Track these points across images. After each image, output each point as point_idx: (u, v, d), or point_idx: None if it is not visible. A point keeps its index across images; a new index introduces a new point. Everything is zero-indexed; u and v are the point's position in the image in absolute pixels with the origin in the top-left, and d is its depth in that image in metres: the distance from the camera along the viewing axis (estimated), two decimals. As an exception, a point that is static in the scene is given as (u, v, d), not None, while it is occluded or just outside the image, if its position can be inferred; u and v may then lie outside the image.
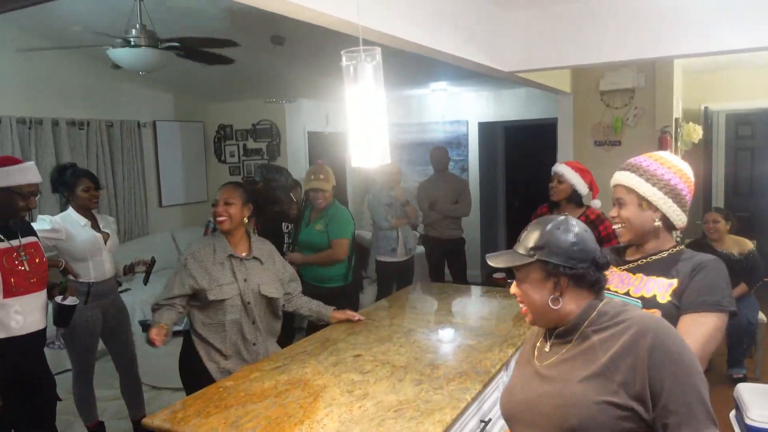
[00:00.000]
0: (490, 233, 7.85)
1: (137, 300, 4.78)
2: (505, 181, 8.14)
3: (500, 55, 3.17)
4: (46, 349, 2.82)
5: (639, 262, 1.77)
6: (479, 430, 2.11)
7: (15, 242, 2.58)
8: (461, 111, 7.43)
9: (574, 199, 3.23)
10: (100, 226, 3.36)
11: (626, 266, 1.79)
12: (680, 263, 1.69)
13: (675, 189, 1.70)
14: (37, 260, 2.65)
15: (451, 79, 6.28)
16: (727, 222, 4.37)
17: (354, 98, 1.61)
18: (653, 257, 1.75)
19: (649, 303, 1.68)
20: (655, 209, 1.72)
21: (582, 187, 3.21)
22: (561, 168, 3.26)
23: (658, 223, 1.72)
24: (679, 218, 1.73)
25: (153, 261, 3.52)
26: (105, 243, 3.34)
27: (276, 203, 3.75)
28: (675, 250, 1.74)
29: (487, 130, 7.51)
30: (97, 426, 3.56)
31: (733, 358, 4.29)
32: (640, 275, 1.73)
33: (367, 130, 1.63)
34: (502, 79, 3.65)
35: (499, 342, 2.54)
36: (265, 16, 1.95)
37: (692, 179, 1.74)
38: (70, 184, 3.26)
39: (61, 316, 2.82)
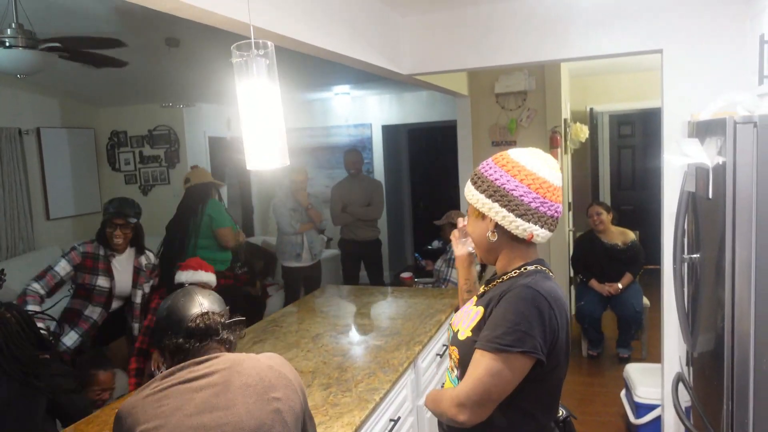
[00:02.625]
0: (397, 234, 7.97)
1: None
2: (410, 182, 8.29)
3: (398, 58, 3.23)
4: None
5: (483, 288, 1.54)
6: (389, 428, 2.12)
7: None
8: (365, 114, 7.49)
9: None
10: None
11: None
12: (501, 290, 1.40)
13: (501, 189, 1.38)
14: None
15: (353, 82, 6.32)
16: (609, 213, 4.70)
17: (247, 96, 1.47)
18: (496, 281, 1.48)
19: (453, 340, 1.49)
20: (487, 219, 1.43)
21: None
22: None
23: (491, 235, 1.43)
24: (517, 226, 1.38)
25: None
26: None
27: None
28: (517, 273, 1.44)
29: (390, 132, 7.62)
30: None
31: (622, 341, 4.62)
32: (474, 305, 1.50)
33: (262, 130, 1.49)
34: (403, 82, 3.72)
35: (406, 340, 2.58)
36: (156, 16, 1.86)
37: (540, 176, 1.39)
38: None
39: None
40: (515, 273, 1.44)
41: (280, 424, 1.32)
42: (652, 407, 3.15)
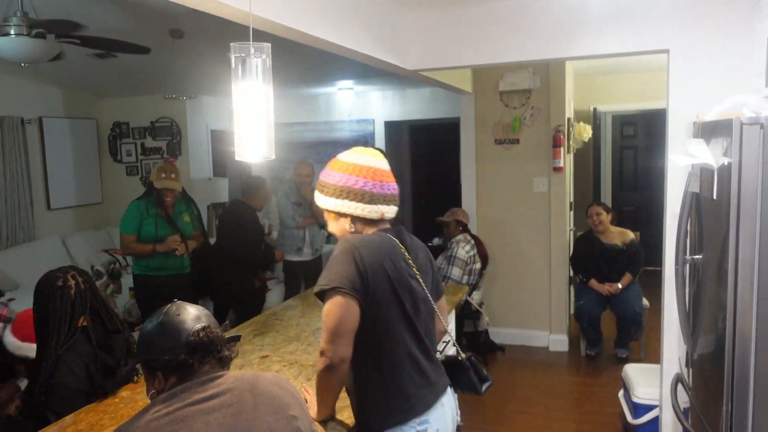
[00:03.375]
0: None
1: None
2: (411, 179, 8.29)
3: (403, 53, 3.22)
4: None
5: None
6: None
7: None
8: (368, 110, 7.48)
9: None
10: None
11: None
12: None
13: (345, 188, 1.65)
14: None
15: (357, 77, 6.31)
16: (608, 214, 4.69)
17: (242, 93, 1.59)
18: None
19: None
20: (343, 215, 1.69)
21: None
22: None
23: (349, 228, 1.69)
24: (369, 211, 1.67)
25: None
26: None
27: None
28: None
29: (393, 128, 7.61)
30: None
31: (621, 341, 4.62)
32: None
33: (253, 125, 1.62)
34: (407, 77, 3.71)
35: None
36: (160, 6, 1.86)
37: (371, 166, 1.67)
38: None
39: None
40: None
41: None
42: (650, 407, 3.15)
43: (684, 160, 2.35)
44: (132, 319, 4.13)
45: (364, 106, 7.47)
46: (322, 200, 1.71)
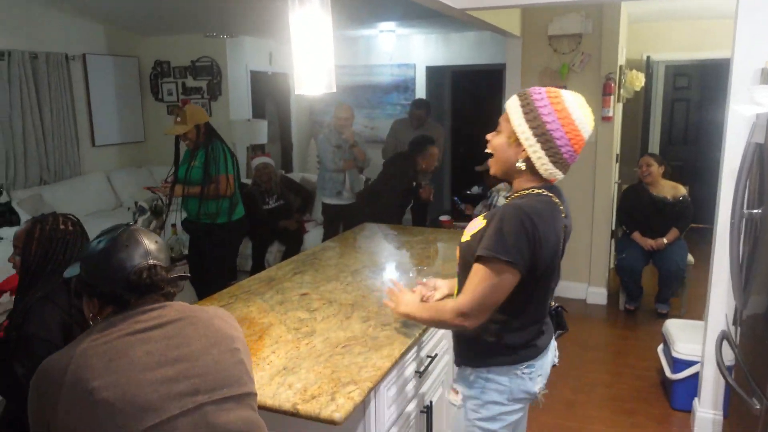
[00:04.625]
0: (436, 178, 7.87)
1: None
2: (451, 126, 8.14)
3: (452, -9, 3.08)
4: None
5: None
6: (426, 363, 2.14)
7: None
8: (409, 54, 7.30)
9: None
10: None
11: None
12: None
13: (547, 134, 1.48)
14: None
15: (399, 19, 6.12)
16: (660, 166, 4.53)
17: (300, 24, 1.54)
18: (510, 198, 1.60)
19: (460, 243, 1.66)
20: (522, 149, 1.53)
21: None
22: None
23: (521, 165, 1.54)
24: (545, 169, 1.52)
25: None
26: None
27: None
28: (525, 193, 1.56)
29: (434, 74, 7.43)
30: None
31: (662, 297, 4.53)
32: (482, 218, 1.61)
33: (312, 57, 1.57)
34: (452, 19, 3.57)
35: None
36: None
37: (581, 133, 1.51)
38: None
39: None
40: (524, 193, 1.56)
41: (246, 375, 1.29)
42: (690, 363, 3.10)
43: (749, 110, 2.21)
44: (174, 254, 4.23)
45: (405, 50, 7.29)
46: (517, 116, 1.51)
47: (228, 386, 1.23)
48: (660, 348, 3.48)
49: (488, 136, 1.63)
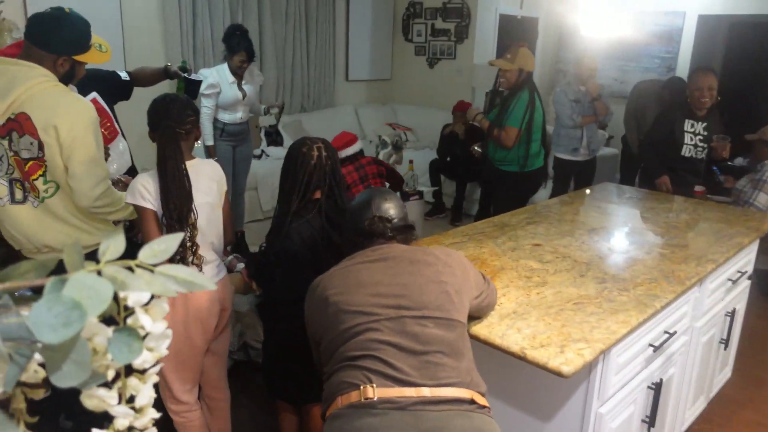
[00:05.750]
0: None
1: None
2: (719, 87, 7.11)
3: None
4: None
5: None
6: (662, 339, 1.97)
7: None
8: (679, 0, 6.47)
9: None
10: (243, 83, 4.06)
11: None
12: None
13: None
14: None
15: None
16: None
17: None
18: None
19: None
20: None
21: None
22: None
23: None
24: None
25: (283, 104, 4.70)
26: (243, 98, 4.05)
27: None
28: None
29: (707, 25, 6.49)
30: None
31: None
32: None
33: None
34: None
35: (696, 256, 2.30)
36: None
37: None
38: (232, 50, 3.90)
39: (189, 88, 3.01)
40: None
41: (449, 305, 1.48)
42: None
43: None
44: (408, 189, 4.46)
45: (675, -5, 6.47)
46: None
47: (427, 309, 1.45)
48: None
49: None
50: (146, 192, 1.90)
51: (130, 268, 0.58)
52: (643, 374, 1.96)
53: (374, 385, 1.33)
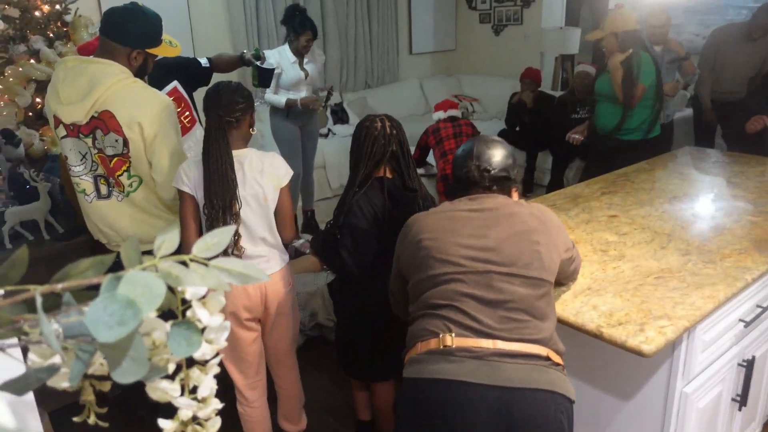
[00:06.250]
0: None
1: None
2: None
3: None
4: None
5: None
6: (754, 314, 1.84)
7: None
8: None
9: None
10: (304, 63, 3.99)
11: None
12: None
13: None
14: None
15: None
16: None
17: None
18: None
19: None
20: None
21: None
22: None
23: None
24: None
25: (332, 88, 4.65)
26: (305, 78, 3.99)
27: None
28: None
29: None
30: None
31: None
32: None
33: None
34: None
35: (793, 222, 2.12)
36: None
37: None
38: (296, 30, 3.82)
39: (262, 77, 3.00)
40: None
41: (538, 263, 1.46)
42: None
43: None
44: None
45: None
46: None
47: (516, 266, 1.44)
48: None
49: None
50: (186, 177, 1.92)
51: (184, 263, 0.58)
52: (733, 350, 1.84)
53: (453, 334, 1.38)
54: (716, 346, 1.73)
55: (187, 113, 2.53)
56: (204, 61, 2.80)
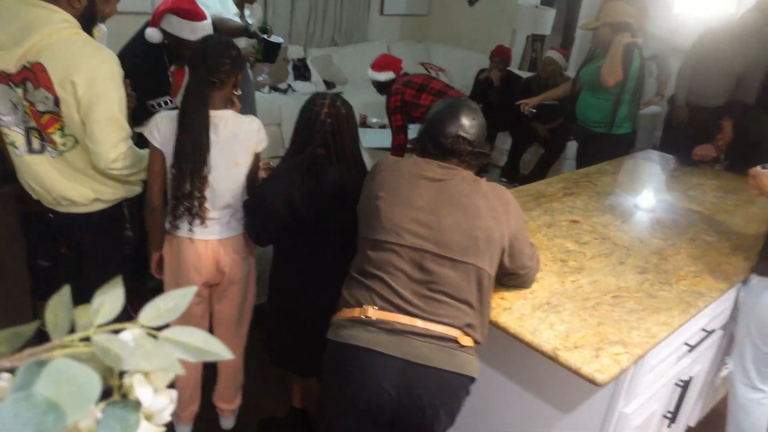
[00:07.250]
0: None
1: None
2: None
3: None
4: None
5: None
6: (699, 338, 1.87)
7: None
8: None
9: None
10: (246, 15, 3.57)
11: None
12: None
13: None
14: None
15: None
16: None
17: None
18: None
19: None
20: None
21: None
22: None
23: None
24: None
25: (269, 28, 4.05)
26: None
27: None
28: None
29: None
30: None
31: None
32: None
33: None
34: None
35: (746, 246, 2.15)
36: None
37: None
38: None
39: (268, 51, 2.88)
40: None
41: (474, 250, 1.46)
42: None
43: None
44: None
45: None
46: None
47: (451, 250, 1.46)
48: None
49: None
50: (157, 131, 1.82)
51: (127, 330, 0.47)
52: (673, 371, 1.87)
53: (376, 307, 1.45)
54: (660, 369, 1.75)
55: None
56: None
